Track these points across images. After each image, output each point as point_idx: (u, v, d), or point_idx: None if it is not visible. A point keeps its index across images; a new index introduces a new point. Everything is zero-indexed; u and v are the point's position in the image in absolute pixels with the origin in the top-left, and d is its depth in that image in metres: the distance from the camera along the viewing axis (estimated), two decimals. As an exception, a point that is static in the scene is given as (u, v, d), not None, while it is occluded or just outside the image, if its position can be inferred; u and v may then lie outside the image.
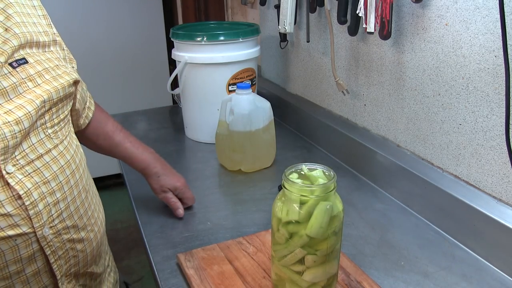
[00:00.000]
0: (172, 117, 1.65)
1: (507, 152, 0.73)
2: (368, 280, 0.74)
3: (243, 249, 0.83)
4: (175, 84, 1.40)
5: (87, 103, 0.87)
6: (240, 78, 1.30)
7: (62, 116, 0.70)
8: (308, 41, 1.29)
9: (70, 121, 0.77)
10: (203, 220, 0.96)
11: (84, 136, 0.89)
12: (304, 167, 0.70)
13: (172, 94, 1.47)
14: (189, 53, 1.28)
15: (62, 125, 0.71)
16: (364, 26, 0.96)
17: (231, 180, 1.15)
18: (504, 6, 0.69)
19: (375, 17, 0.93)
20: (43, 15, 0.75)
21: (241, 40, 1.27)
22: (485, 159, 0.81)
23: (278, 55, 1.52)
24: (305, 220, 0.64)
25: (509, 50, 0.70)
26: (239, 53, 1.28)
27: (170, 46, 2.78)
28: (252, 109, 1.13)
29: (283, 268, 0.68)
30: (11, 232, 0.59)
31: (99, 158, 1.06)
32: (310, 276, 0.67)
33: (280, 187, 0.67)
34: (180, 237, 0.90)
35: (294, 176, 0.68)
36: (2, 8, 0.65)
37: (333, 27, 1.14)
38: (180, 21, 2.81)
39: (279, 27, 1.29)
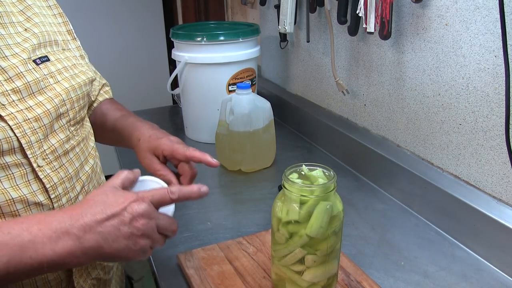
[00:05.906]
0: (172, 117, 1.65)
1: (507, 152, 0.73)
2: (368, 280, 0.74)
3: (243, 249, 0.82)
4: (175, 84, 1.40)
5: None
6: (240, 78, 1.30)
7: (83, 115, 0.74)
8: (308, 41, 1.29)
9: (88, 120, 0.81)
10: (203, 220, 0.96)
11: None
12: (304, 167, 0.70)
13: (172, 94, 1.47)
14: (189, 53, 1.28)
15: (82, 123, 0.75)
16: (364, 26, 0.96)
17: (231, 180, 1.15)
18: (504, 6, 0.69)
19: (375, 17, 0.93)
20: (59, 13, 0.79)
21: (241, 40, 1.27)
22: (485, 159, 0.81)
23: (278, 55, 1.52)
24: (305, 220, 0.64)
25: (509, 50, 0.71)
26: (239, 53, 1.28)
27: (170, 46, 2.78)
28: (252, 109, 1.13)
29: (283, 268, 0.68)
30: None
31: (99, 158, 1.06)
32: (310, 276, 0.67)
33: (280, 187, 0.67)
34: (180, 237, 0.90)
35: (294, 176, 0.68)
36: (21, 10, 0.70)
37: (333, 27, 1.14)
38: (180, 21, 2.81)
39: (279, 27, 1.29)
